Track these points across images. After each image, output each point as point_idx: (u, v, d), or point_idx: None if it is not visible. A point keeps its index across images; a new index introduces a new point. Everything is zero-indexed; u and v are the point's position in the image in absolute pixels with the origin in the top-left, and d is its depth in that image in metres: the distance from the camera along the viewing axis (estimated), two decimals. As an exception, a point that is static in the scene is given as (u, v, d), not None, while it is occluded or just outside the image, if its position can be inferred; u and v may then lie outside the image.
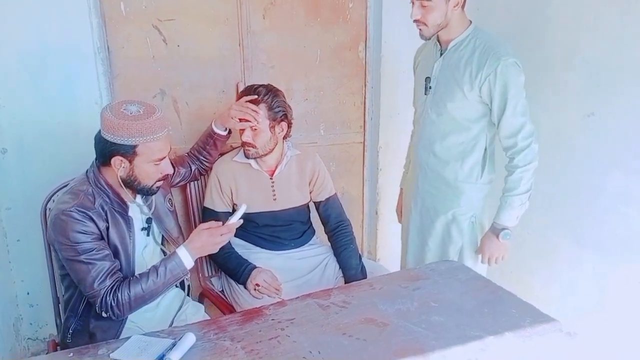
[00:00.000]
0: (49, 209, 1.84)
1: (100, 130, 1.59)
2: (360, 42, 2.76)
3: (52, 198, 1.86)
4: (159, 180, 1.69)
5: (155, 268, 1.62)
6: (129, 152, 1.58)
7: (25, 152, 2.17)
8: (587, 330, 1.54)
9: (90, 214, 1.57)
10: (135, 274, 1.65)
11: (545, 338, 1.44)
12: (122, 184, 1.64)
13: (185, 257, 1.63)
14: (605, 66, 2.09)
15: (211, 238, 1.63)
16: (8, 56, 2.05)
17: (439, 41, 2.01)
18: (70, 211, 1.54)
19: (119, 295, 1.56)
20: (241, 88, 2.46)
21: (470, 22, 1.96)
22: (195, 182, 2.33)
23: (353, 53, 2.76)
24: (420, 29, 1.93)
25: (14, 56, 2.06)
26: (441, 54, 1.99)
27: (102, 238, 1.60)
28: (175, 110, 2.44)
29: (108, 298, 1.55)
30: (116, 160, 1.59)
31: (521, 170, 1.89)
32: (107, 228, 1.62)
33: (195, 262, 2.21)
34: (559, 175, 2.34)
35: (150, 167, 1.63)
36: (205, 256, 2.26)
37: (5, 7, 2.00)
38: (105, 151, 1.59)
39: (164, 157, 1.65)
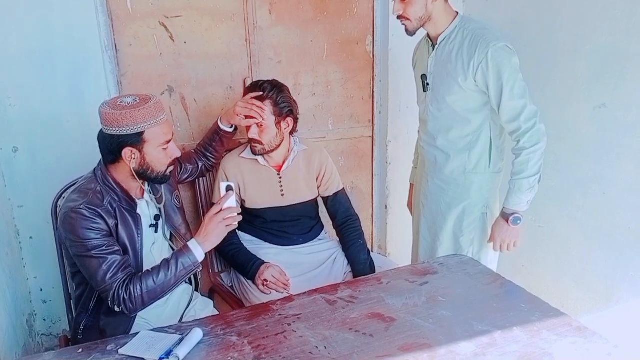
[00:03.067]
0: (59, 206, 1.87)
1: (102, 130, 1.61)
2: (368, 35, 2.74)
3: (62, 195, 1.88)
4: (170, 165, 1.71)
5: (167, 261, 1.63)
6: (137, 141, 1.59)
7: (36, 151, 2.19)
8: (598, 324, 1.52)
9: (99, 211, 1.58)
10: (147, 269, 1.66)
11: (554, 333, 1.42)
12: (135, 176, 1.65)
13: (196, 249, 1.64)
14: (616, 56, 2.06)
15: (219, 225, 1.64)
16: (17, 56, 2.07)
17: (429, 37, 2.01)
18: (80, 208, 1.55)
19: (132, 288, 1.56)
20: (248, 84, 2.47)
21: (457, 13, 1.95)
22: (203, 178, 2.34)
23: (360, 47, 2.75)
24: (404, 25, 1.93)
25: (22, 56, 2.08)
26: (433, 49, 1.99)
27: (111, 235, 1.61)
28: (183, 107, 2.45)
29: (120, 291, 1.56)
30: (127, 152, 1.60)
31: (528, 152, 1.85)
32: (116, 225, 1.63)
33: (205, 257, 2.22)
34: (569, 167, 2.32)
35: (160, 153, 1.65)
36: (215, 252, 2.27)
37: (13, 8, 2.02)
38: (114, 146, 1.60)
39: (170, 140, 1.67)
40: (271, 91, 2.00)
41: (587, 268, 2.32)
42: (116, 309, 1.58)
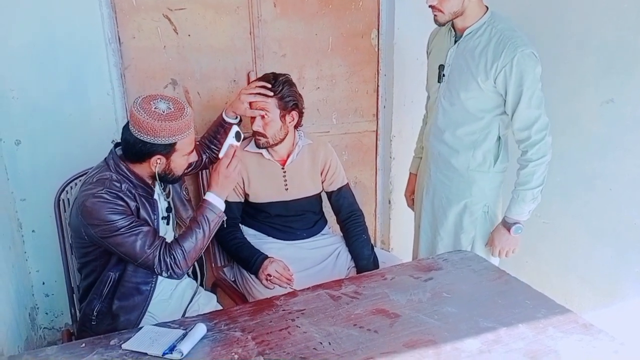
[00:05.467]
0: (63, 200, 1.86)
1: (131, 131, 1.59)
2: (373, 29, 2.72)
3: (66, 189, 1.87)
4: (186, 169, 1.78)
5: (194, 219, 1.68)
6: (168, 151, 1.63)
7: (39, 144, 2.18)
8: (603, 321, 1.51)
9: (120, 194, 1.60)
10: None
11: (560, 330, 1.41)
12: (157, 178, 1.69)
13: (215, 199, 1.70)
14: (624, 51, 2.04)
15: (223, 172, 1.71)
16: (19, 48, 2.06)
17: (453, 27, 1.97)
18: (101, 193, 1.57)
19: (173, 252, 1.61)
20: (252, 77, 2.45)
21: (487, 8, 1.91)
22: (206, 171, 2.33)
23: (365, 40, 2.72)
24: (435, 15, 1.89)
25: (25, 48, 2.06)
26: (455, 41, 1.95)
27: (133, 214, 1.63)
28: (187, 101, 2.44)
29: (165, 257, 1.60)
30: (154, 159, 1.63)
31: (534, 164, 1.85)
32: (138, 208, 1.65)
33: (208, 251, 2.22)
34: (574, 163, 2.30)
35: (183, 160, 1.70)
36: (218, 245, 2.26)
37: (15, 0, 2.00)
38: (144, 152, 1.61)
39: (194, 148, 1.72)
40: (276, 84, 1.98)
41: (592, 264, 2.31)
42: (164, 274, 1.63)
